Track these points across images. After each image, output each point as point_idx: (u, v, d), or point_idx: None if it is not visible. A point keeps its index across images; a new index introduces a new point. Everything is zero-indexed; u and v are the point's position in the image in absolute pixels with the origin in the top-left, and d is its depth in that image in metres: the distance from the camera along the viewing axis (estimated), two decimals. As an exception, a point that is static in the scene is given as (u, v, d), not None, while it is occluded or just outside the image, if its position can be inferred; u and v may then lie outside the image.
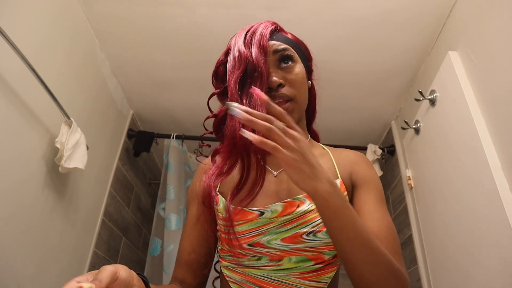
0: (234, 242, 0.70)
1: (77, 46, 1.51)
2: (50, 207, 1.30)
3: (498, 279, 1.06)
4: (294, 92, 0.73)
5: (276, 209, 0.70)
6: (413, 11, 1.47)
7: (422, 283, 1.58)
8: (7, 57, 1.04)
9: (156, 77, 1.87)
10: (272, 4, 1.47)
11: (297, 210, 0.68)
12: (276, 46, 0.75)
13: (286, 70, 0.75)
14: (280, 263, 0.69)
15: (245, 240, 0.70)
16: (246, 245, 0.70)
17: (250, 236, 0.70)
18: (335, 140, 2.13)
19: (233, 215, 0.70)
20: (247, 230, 0.70)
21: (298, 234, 0.67)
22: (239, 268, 0.72)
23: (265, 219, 0.69)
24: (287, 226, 0.68)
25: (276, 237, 0.68)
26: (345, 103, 1.97)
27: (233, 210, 0.70)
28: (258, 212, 0.70)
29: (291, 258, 0.68)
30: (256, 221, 0.70)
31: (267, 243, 0.69)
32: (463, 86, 1.30)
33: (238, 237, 0.70)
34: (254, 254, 0.70)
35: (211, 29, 1.58)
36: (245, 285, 0.71)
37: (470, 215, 1.21)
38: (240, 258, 0.72)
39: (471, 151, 1.22)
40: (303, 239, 0.67)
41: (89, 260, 1.61)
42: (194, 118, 2.13)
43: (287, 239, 0.68)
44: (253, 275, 0.70)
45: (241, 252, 0.71)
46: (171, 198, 1.95)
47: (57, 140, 1.24)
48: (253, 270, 0.70)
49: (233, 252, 0.72)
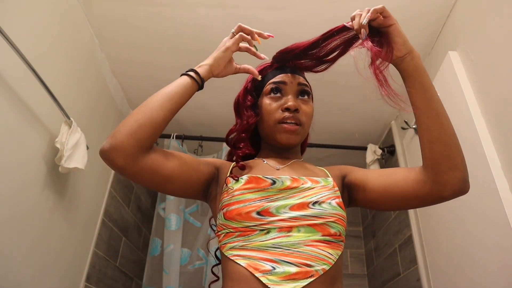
0: (242, 210, 0.74)
1: (77, 47, 1.51)
2: (50, 207, 1.30)
3: (498, 279, 1.06)
4: (304, 121, 0.86)
5: (285, 181, 0.79)
6: (413, 11, 1.47)
7: (422, 283, 1.58)
8: (8, 57, 1.04)
9: (156, 77, 1.87)
10: (272, 4, 1.47)
11: (302, 185, 0.79)
12: (302, 80, 0.90)
13: (303, 102, 0.88)
14: (289, 234, 0.72)
15: (254, 207, 0.74)
16: (255, 213, 0.74)
17: (260, 203, 0.75)
18: (335, 140, 2.13)
19: (247, 183, 0.79)
20: (258, 198, 0.76)
21: (305, 203, 0.75)
22: (248, 245, 0.73)
23: (275, 190, 0.77)
24: (295, 197, 0.77)
25: (285, 204, 0.75)
26: (345, 103, 1.97)
27: (248, 179, 0.79)
28: (271, 181, 0.79)
29: (300, 229, 0.73)
30: (267, 190, 0.77)
31: (276, 211, 0.74)
32: (463, 86, 1.30)
33: (249, 204, 0.75)
34: (263, 227, 0.73)
35: (211, 29, 1.58)
36: (255, 257, 0.71)
37: (470, 215, 1.21)
38: (248, 235, 0.73)
39: (471, 151, 1.22)
40: (310, 208, 0.75)
41: (89, 260, 1.61)
42: (194, 118, 2.13)
43: (294, 207, 0.75)
44: (264, 248, 0.72)
45: (249, 225, 0.73)
46: (171, 198, 1.95)
47: (57, 140, 1.24)
48: (263, 242, 0.72)
49: (241, 226, 0.74)
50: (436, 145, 0.72)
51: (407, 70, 0.75)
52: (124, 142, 0.70)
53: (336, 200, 0.77)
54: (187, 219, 2.05)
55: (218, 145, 2.08)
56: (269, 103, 0.88)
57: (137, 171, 0.73)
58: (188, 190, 0.82)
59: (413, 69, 0.74)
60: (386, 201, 0.79)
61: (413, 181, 0.75)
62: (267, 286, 0.67)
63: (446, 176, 0.72)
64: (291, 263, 0.69)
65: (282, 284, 0.67)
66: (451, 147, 0.72)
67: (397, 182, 0.77)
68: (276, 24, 1.53)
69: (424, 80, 0.74)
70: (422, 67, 0.74)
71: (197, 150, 2.19)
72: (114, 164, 0.70)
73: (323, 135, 2.15)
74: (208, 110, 2.05)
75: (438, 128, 0.72)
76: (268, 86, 0.90)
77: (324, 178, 0.83)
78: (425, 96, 0.74)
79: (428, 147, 0.73)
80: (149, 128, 0.74)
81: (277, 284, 0.67)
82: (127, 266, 2.02)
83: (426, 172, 0.74)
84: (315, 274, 0.69)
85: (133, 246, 2.15)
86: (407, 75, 0.75)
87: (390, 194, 0.78)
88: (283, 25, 1.53)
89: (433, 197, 0.74)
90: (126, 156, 0.70)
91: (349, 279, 2.41)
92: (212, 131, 2.14)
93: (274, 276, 0.68)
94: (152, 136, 0.74)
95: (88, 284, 1.58)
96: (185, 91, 0.80)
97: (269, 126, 0.87)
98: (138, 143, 0.72)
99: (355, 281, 2.40)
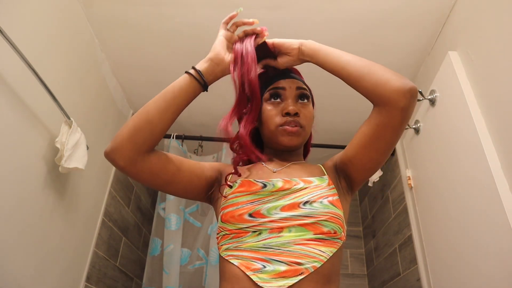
0: (235, 212, 0.77)
1: (77, 46, 1.51)
2: (50, 207, 1.30)
3: (497, 279, 1.06)
4: (304, 123, 0.88)
5: (277, 184, 0.80)
6: (413, 11, 1.47)
7: (422, 283, 1.58)
8: (8, 58, 1.04)
9: (156, 77, 1.87)
10: (272, 4, 1.47)
11: (294, 187, 0.80)
12: (300, 84, 0.92)
13: (302, 106, 0.90)
14: (280, 234, 0.74)
15: (246, 209, 0.77)
16: (247, 215, 0.76)
17: (251, 205, 0.77)
18: (335, 140, 2.13)
19: (240, 186, 0.81)
20: (250, 201, 0.78)
21: (296, 203, 0.77)
22: (241, 246, 0.75)
23: (266, 192, 0.79)
24: (286, 198, 0.78)
25: (276, 205, 0.77)
26: (345, 103, 1.97)
27: (241, 182, 0.82)
28: (262, 184, 0.81)
29: (291, 229, 0.74)
30: (259, 193, 0.79)
31: (267, 212, 0.76)
32: (463, 86, 1.30)
33: (241, 207, 0.78)
34: (255, 229, 0.75)
35: (211, 29, 1.57)
36: (247, 257, 0.73)
37: (470, 215, 1.21)
38: (241, 237, 0.76)
39: (471, 151, 1.22)
40: (300, 208, 0.76)
41: (89, 260, 1.61)
42: (194, 119, 2.13)
43: (286, 207, 0.77)
44: (255, 249, 0.74)
45: (242, 227, 0.76)
46: (171, 198, 1.95)
47: (57, 140, 1.24)
48: (255, 243, 0.74)
49: (235, 228, 0.76)
50: (361, 83, 0.79)
51: (309, 60, 0.86)
52: (123, 145, 0.75)
53: (329, 198, 0.78)
54: (187, 219, 2.05)
55: (218, 145, 2.08)
56: (270, 109, 0.89)
57: (137, 172, 0.78)
58: (189, 193, 0.86)
59: (310, 57, 0.85)
60: (371, 153, 0.81)
61: (374, 120, 0.80)
62: (257, 284, 0.69)
63: (387, 93, 0.76)
64: (281, 262, 0.71)
65: (272, 282, 0.69)
66: (370, 75, 0.78)
67: (366, 132, 0.81)
68: (276, 24, 1.53)
69: (322, 60, 0.83)
70: (313, 51, 0.84)
71: (197, 150, 2.19)
72: (116, 165, 0.77)
73: (323, 135, 2.15)
74: (208, 110, 2.05)
75: (352, 76, 0.80)
76: (267, 93, 0.92)
77: (319, 177, 0.83)
78: (333, 72, 0.82)
79: (360, 88, 0.80)
80: (147, 132, 0.76)
81: (267, 282, 0.69)
82: (127, 266, 2.02)
83: (375, 106, 0.80)
84: (304, 271, 0.70)
85: (133, 246, 2.15)
86: (312, 62, 0.86)
87: (369, 144, 0.81)
88: (283, 25, 1.53)
89: (395, 114, 0.76)
90: (125, 158, 0.75)
91: (349, 279, 2.41)
92: (212, 131, 2.13)
93: (264, 274, 0.70)
94: (151, 139, 0.77)
95: (88, 284, 1.58)
96: (187, 93, 0.80)
97: (271, 131, 0.88)
98: (136, 146, 0.75)
99: (355, 281, 2.40)
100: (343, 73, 0.80)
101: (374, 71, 0.78)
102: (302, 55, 0.86)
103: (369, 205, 2.48)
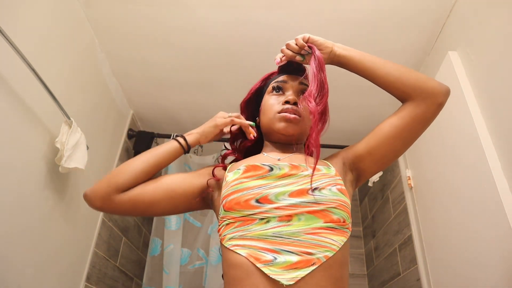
0: (241, 198, 0.74)
1: (77, 46, 1.51)
2: (50, 207, 1.30)
3: (498, 279, 1.06)
4: (303, 115, 0.89)
5: (284, 168, 0.79)
6: (413, 11, 1.47)
7: (422, 283, 1.58)
8: (8, 58, 1.04)
9: (156, 77, 1.87)
10: (272, 4, 1.47)
11: (302, 172, 0.79)
12: (303, 80, 0.95)
13: None
14: (290, 223, 0.72)
15: (253, 195, 0.74)
16: (254, 201, 0.73)
17: (259, 190, 0.75)
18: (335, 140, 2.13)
19: (245, 172, 0.80)
20: (256, 186, 0.76)
21: (305, 189, 0.75)
22: (248, 234, 0.72)
23: (274, 177, 0.78)
24: (295, 183, 0.76)
25: (284, 191, 0.75)
26: (345, 103, 1.98)
27: (245, 168, 0.81)
28: (268, 168, 0.80)
29: (300, 218, 0.72)
30: (266, 177, 0.78)
31: (275, 198, 0.74)
32: (463, 86, 1.30)
33: (247, 192, 0.75)
34: (263, 216, 0.72)
35: (211, 29, 1.58)
36: (256, 247, 0.70)
37: (470, 215, 1.21)
38: (248, 224, 0.73)
39: (471, 151, 1.22)
40: (309, 194, 0.74)
41: (89, 260, 1.61)
42: (194, 118, 2.12)
43: (294, 193, 0.74)
44: (263, 237, 0.71)
45: (248, 213, 0.73)
46: (171, 198, 1.95)
47: (57, 140, 1.24)
48: (263, 231, 0.71)
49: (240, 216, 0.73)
50: (402, 80, 0.84)
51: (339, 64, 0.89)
52: (101, 187, 0.82)
53: (337, 186, 0.77)
54: (187, 219, 2.05)
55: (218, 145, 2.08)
56: (270, 100, 0.93)
57: (115, 207, 0.83)
58: (178, 207, 0.88)
59: (342, 56, 0.88)
60: (397, 142, 0.86)
61: (409, 113, 0.84)
62: (269, 276, 0.67)
63: (429, 89, 0.83)
64: (292, 252, 0.69)
65: (284, 274, 0.67)
66: (410, 73, 0.85)
67: (396, 124, 0.85)
68: (276, 25, 1.53)
69: (356, 66, 0.87)
70: (347, 51, 0.88)
71: (197, 150, 2.19)
72: (92, 206, 0.84)
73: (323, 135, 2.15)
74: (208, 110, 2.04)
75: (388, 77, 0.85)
76: (270, 86, 0.95)
77: (326, 167, 0.83)
78: (365, 74, 0.87)
79: (398, 84, 0.84)
80: (126, 174, 0.83)
81: (279, 274, 0.67)
82: (127, 266, 2.02)
83: (412, 100, 0.84)
84: (317, 262, 0.68)
85: (133, 246, 2.15)
86: (343, 66, 0.90)
87: (398, 135, 0.85)
88: (283, 25, 1.53)
89: (432, 109, 0.84)
90: (101, 198, 0.82)
91: (356, 279, 2.40)
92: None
93: (276, 267, 0.68)
94: (129, 181, 0.82)
95: (88, 284, 1.58)
96: (171, 153, 0.90)
97: (269, 118, 0.90)
98: (113, 186, 0.81)
99: (355, 281, 2.40)
100: (380, 72, 0.85)
101: (411, 70, 0.85)
102: (334, 55, 0.88)
103: (369, 205, 2.48)
